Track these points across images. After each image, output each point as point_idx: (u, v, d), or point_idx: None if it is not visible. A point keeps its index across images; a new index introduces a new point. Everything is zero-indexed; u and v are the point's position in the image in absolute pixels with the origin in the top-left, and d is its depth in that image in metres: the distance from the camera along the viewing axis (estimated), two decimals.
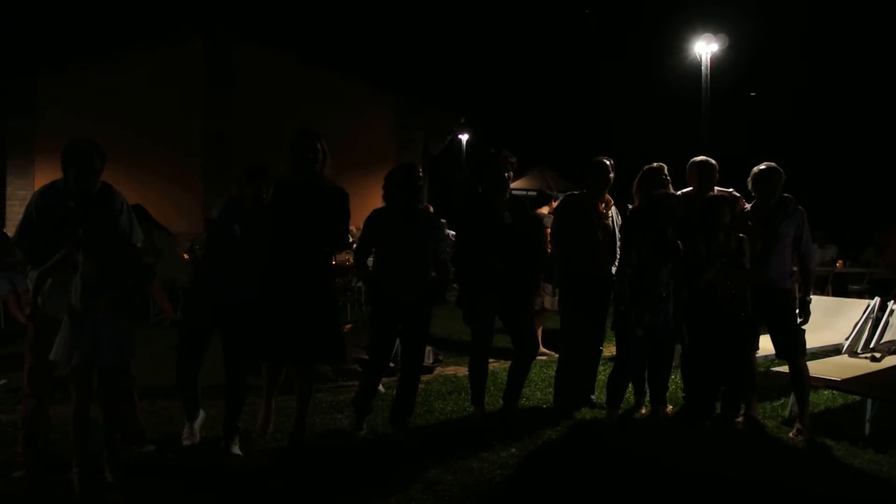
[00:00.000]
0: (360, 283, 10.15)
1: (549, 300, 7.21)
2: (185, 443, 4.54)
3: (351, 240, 5.39)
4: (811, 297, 5.13)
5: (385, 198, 5.28)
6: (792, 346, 5.01)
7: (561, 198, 6.14)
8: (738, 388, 5.02)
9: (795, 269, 5.13)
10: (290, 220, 4.45)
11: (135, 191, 4.36)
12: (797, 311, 5.03)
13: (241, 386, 4.51)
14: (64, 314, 3.85)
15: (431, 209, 6.33)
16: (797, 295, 5.10)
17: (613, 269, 5.35)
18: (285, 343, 4.51)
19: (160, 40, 14.44)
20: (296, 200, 4.49)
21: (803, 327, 5.05)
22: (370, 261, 5.05)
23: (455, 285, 5.17)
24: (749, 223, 5.04)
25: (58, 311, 3.94)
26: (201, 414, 4.68)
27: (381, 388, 5.84)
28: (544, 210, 7.37)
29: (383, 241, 4.83)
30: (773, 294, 4.97)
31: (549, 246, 6.26)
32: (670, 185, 5.46)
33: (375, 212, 4.87)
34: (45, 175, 13.22)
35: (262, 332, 4.47)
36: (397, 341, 5.03)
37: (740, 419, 5.10)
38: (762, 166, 5.06)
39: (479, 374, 5.12)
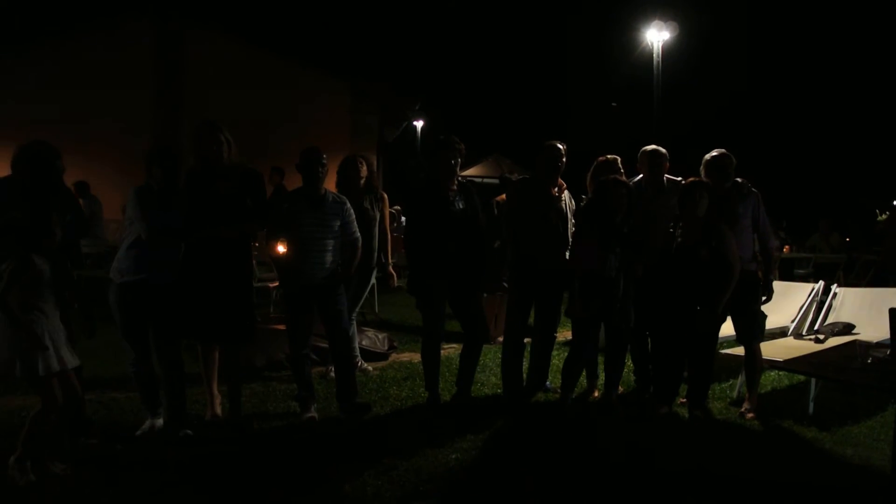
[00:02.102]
0: None
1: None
2: (139, 433, 4.48)
3: None
4: (773, 276, 5.22)
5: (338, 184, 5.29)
6: (753, 329, 5.10)
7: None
8: (704, 377, 5.05)
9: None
10: (204, 204, 4.44)
11: (75, 178, 4.25)
12: (761, 293, 5.11)
13: (172, 369, 4.48)
14: None
15: (385, 196, 6.30)
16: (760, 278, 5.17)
17: (567, 254, 5.38)
18: (201, 322, 4.51)
19: (107, 22, 14.02)
20: (207, 187, 4.48)
21: (763, 311, 5.15)
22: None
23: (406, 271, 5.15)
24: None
25: None
26: (161, 416, 4.59)
27: (333, 374, 5.83)
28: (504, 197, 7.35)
29: (288, 227, 4.83)
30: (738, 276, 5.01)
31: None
32: (623, 177, 5.51)
33: (279, 197, 4.96)
34: None
35: (180, 312, 4.45)
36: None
37: (683, 401, 5.19)
38: (714, 153, 5.13)
39: (432, 360, 5.14)
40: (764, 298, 5.13)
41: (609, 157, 5.54)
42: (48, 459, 3.81)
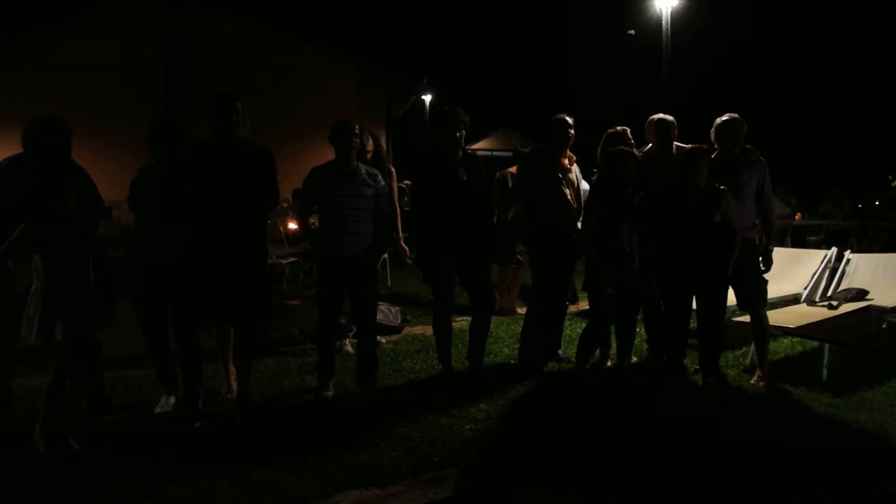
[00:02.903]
0: None
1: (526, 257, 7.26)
2: (157, 410, 4.54)
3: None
4: (772, 246, 5.22)
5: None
6: (755, 295, 5.10)
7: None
8: (713, 343, 5.04)
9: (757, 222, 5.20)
10: (215, 181, 4.35)
11: (90, 161, 4.26)
12: (760, 260, 5.12)
13: (188, 349, 4.50)
14: (21, 291, 3.79)
15: (394, 171, 6.29)
16: (759, 245, 5.17)
17: (578, 225, 5.38)
18: (215, 304, 4.46)
19: (113, 6, 13.98)
20: (219, 162, 4.38)
21: (765, 277, 5.15)
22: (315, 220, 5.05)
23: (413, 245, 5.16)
24: (712, 174, 5.08)
25: (15, 288, 3.89)
26: (179, 393, 4.65)
27: (349, 348, 5.87)
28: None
29: (322, 199, 4.82)
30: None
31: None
32: (634, 148, 5.49)
33: (313, 170, 4.88)
34: None
35: (194, 294, 4.43)
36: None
37: (694, 369, 5.21)
38: (724, 117, 5.10)
39: (443, 332, 5.17)
40: (763, 268, 5.12)
41: (619, 128, 5.51)
42: (68, 436, 3.86)
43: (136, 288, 4.47)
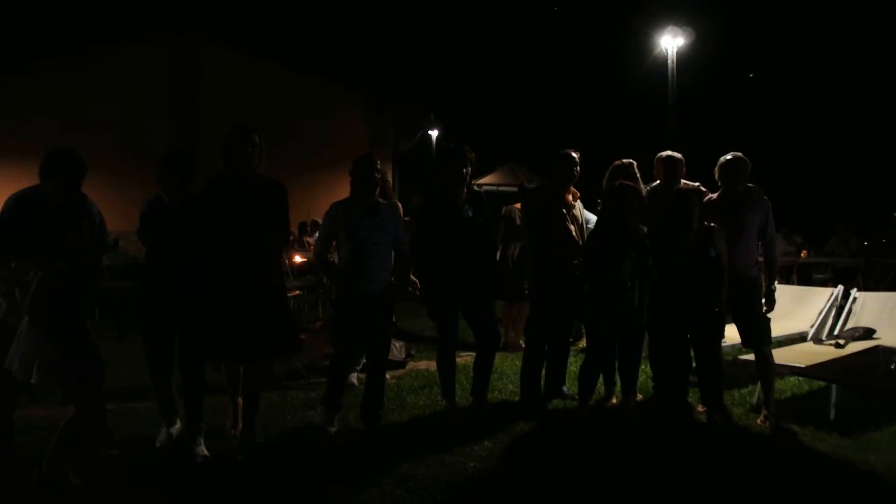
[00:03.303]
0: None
1: None
2: (158, 444, 4.51)
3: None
4: (776, 285, 5.21)
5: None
6: (758, 334, 5.08)
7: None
8: (713, 378, 5.03)
9: (761, 259, 5.21)
10: (229, 216, 4.30)
11: (97, 192, 4.27)
12: (762, 299, 5.10)
13: (194, 384, 4.43)
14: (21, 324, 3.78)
15: (400, 206, 6.31)
16: (762, 283, 5.17)
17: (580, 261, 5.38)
18: (229, 341, 4.35)
19: (124, 39, 14.20)
20: (233, 196, 4.34)
21: (769, 315, 5.13)
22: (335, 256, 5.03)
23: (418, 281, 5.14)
24: (715, 213, 5.11)
25: (19, 320, 3.89)
26: (178, 423, 4.62)
27: (354, 381, 5.85)
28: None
29: (343, 235, 4.81)
30: (738, 282, 5.01)
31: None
32: (640, 181, 5.52)
33: (335, 205, 4.87)
34: (4, 177, 12.96)
35: (207, 331, 4.35)
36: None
37: (702, 409, 5.17)
38: (728, 156, 5.14)
39: (447, 368, 5.14)
40: (765, 309, 5.10)
41: (624, 160, 5.54)
42: (68, 470, 3.83)
43: (145, 320, 4.46)
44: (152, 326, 4.43)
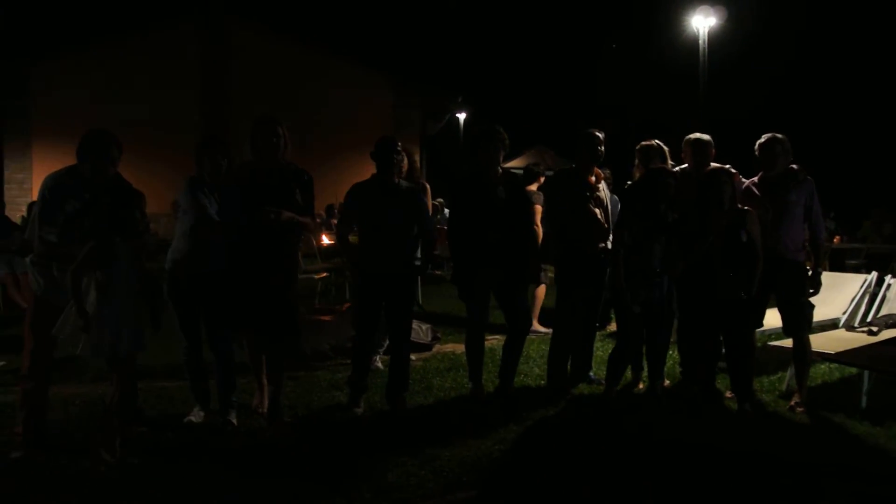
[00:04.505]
0: None
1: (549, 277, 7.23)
2: (186, 420, 4.58)
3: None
4: (821, 269, 5.11)
5: None
6: (801, 320, 4.98)
7: (551, 174, 6.14)
8: (743, 366, 4.95)
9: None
10: (259, 200, 4.43)
11: (130, 174, 4.35)
12: (808, 285, 5.00)
13: (223, 358, 4.54)
14: (65, 300, 3.89)
15: (428, 187, 6.31)
16: (808, 268, 5.07)
17: (608, 245, 5.34)
18: (247, 312, 4.52)
19: (155, 22, 14.31)
20: (262, 182, 4.49)
21: (812, 302, 5.05)
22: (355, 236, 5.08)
23: (450, 262, 5.16)
24: (756, 195, 5.01)
25: (56, 297, 3.98)
26: (209, 405, 4.69)
27: (379, 364, 5.88)
28: (533, 187, 7.35)
29: (363, 216, 4.85)
30: (785, 266, 4.90)
31: (539, 223, 6.28)
32: (669, 161, 5.45)
33: (355, 186, 4.91)
34: (41, 158, 13.20)
35: (228, 301, 4.49)
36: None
37: (730, 395, 5.12)
38: (764, 137, 5.04)
39: (475, 351, 5.14)
40: (811, 291, 5.01)
41: (654, 142, 5.47)
42: (99, 447, 3.90)
43: (179, 296, 4.52)
44: (178, 303, 4.51)
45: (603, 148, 5.30)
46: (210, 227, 4.37)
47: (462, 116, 29.18)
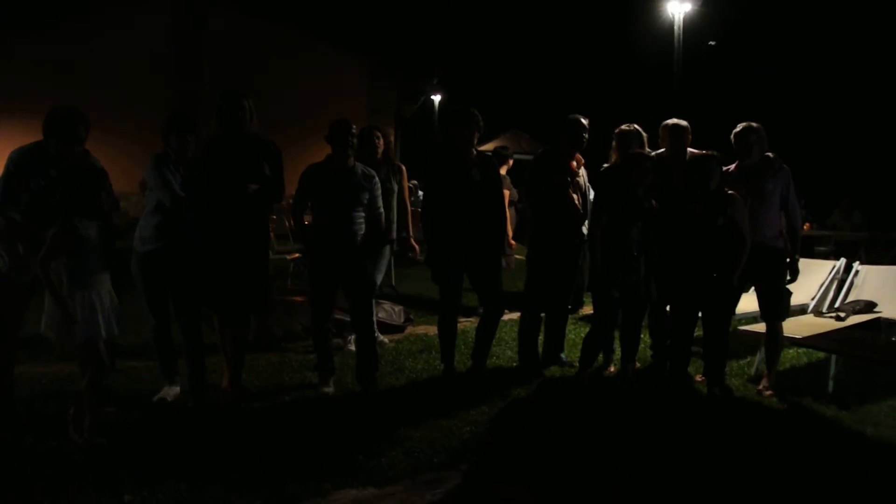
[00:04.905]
0: None
1: (511, 260, 7.19)
2: (157, 399, 4.53)
3: None
4: (798, 255, 5.16)
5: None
6: (779, 308, 5.02)
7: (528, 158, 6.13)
8: (719, 352, 4.98)
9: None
10: (224, 173, 4.45)
11: (100, 153, 4.27)
12: (786, 270, 5.04)
13: (192, 338, 4.53)
14: (28, 281, 3.81)
15: (404, 169, 6.26)
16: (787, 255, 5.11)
17: (584, 230, 5.35)
18: (217, 291, 4.54)
19: None
20: (228, 155, 4.49)
21: (790, 289, 5.09)
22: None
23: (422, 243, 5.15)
24: (733, 184, 5.03)
25: (22, 275, 3.90)
26: (178, 387, 4.65)
27: (352, 346, 5.85)
28: (502, 171, 7.30)
29: (316, 198, 4.86)
30: (764, 254, 4.92)
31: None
32: (646, 145, 5.45)
33: (309, 167, 4.90)
34: (7, 136, 12.89)
35: (197, 280, 4.49)
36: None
37: (700, 378, 5.16)
38: (739, 126, 5.06)
39: (448, 333, 5.14)
40: (789, 278, 5.06)
41: (632, 126, 5.47)
42: (69, 426, 3.86)
43: (147, 275, 4.46)
44: (146, 282, 4.45)
45: (587, 135, 5.30)
46: (176, 203, 4.31)
47: (437, 98, 29.08)
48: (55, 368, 5.05)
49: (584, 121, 5.29)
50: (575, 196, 5.30)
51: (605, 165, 5.46)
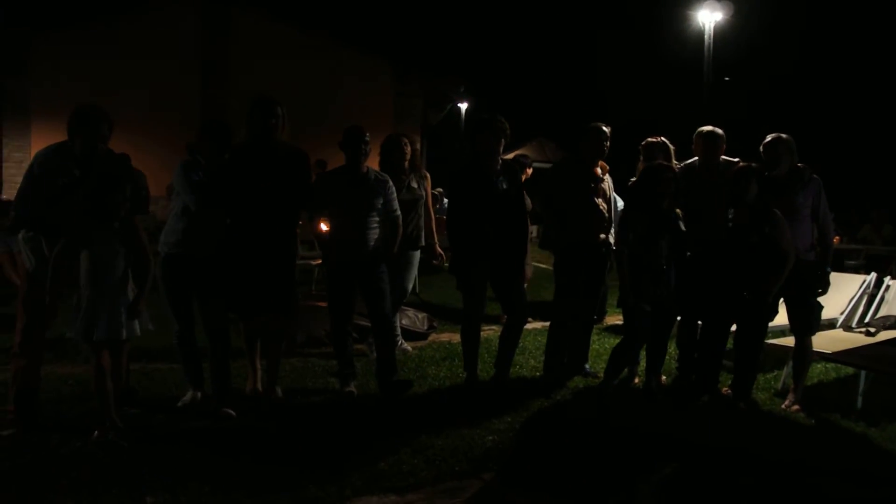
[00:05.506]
0: None
1: (531, 268, 7.16)
2: (180, 404, 4.55)
3: None
4: (829, 268, 5.06)
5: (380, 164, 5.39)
6: (811, 321, 4.94)
7: (553, 164, 6.10)
8: (749, 368, 4.92)
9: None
10: (253, 179, 4.48)
11: (130, 155, 4.33)
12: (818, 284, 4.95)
13: (217, 342, 4.52)
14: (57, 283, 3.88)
15: (429, 177, 6.27)
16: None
17: (609, 237, 5.30)
18: (244, 295, 4.59)
19: (156, 1, 14.20)
20: (257, 162, 4.52)
21: (821, 302, 5.01)
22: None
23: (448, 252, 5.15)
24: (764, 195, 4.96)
25: (45, 277, 3.96)
26: (202, 389, 4.67)
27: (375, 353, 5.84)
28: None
29: (332, 205, 4.89)
30: (795, 267, 4.79)
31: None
32: (673, 157, 5.40)
33: (323, 175, 4.98)
34: (41, 137, 13.08)
35: (224, 286, 4.52)
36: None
37: (726, 391, 5.09)
38: (768, 137, 4.99)
39: (471, 341, 5.12)
40: (820, 291, 4.98)
41: (659, 138, 5.42)
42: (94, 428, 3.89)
43: (172, 279, 4.49)
44: (170, 285, 4.48)
45: (608, 143, 5.26)
46: (202, 209, 4.33)
47: (464, 106, 29.12)
48: (81, 369, 5.11)
49: (605, 128, 5.26)
50: (600, 201, 5.26)
51: (633, 180, 5.42)
